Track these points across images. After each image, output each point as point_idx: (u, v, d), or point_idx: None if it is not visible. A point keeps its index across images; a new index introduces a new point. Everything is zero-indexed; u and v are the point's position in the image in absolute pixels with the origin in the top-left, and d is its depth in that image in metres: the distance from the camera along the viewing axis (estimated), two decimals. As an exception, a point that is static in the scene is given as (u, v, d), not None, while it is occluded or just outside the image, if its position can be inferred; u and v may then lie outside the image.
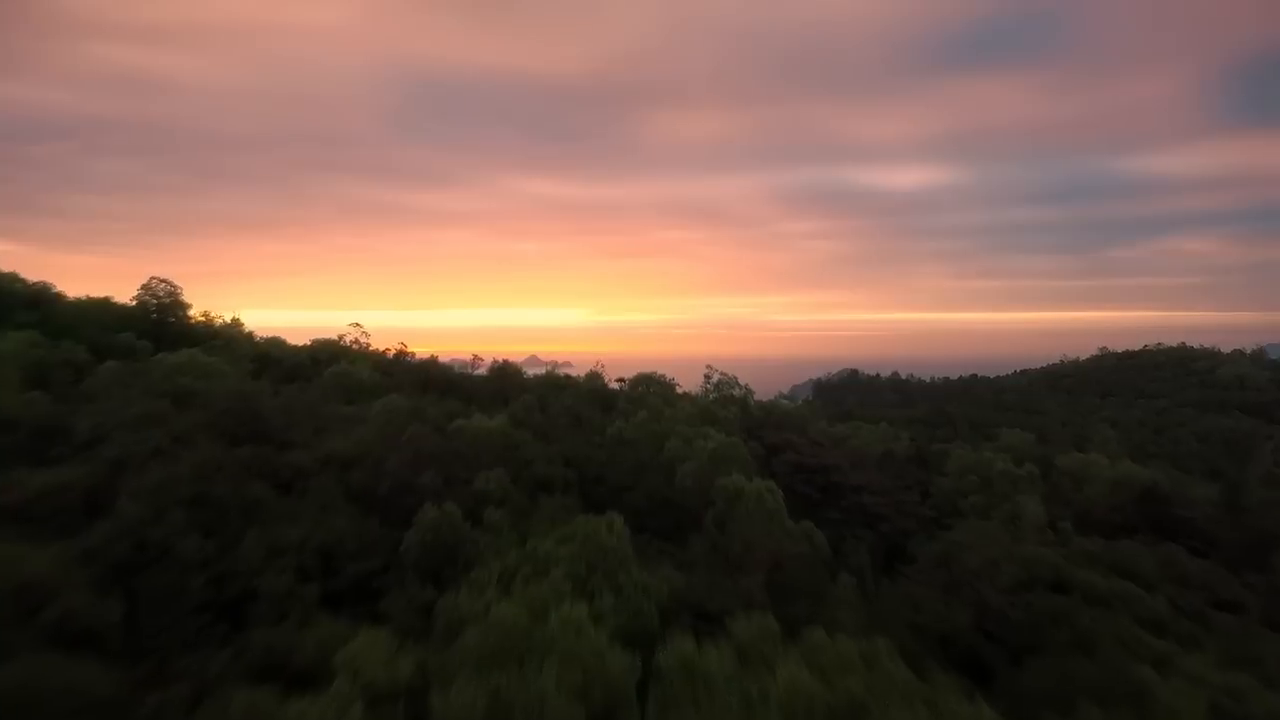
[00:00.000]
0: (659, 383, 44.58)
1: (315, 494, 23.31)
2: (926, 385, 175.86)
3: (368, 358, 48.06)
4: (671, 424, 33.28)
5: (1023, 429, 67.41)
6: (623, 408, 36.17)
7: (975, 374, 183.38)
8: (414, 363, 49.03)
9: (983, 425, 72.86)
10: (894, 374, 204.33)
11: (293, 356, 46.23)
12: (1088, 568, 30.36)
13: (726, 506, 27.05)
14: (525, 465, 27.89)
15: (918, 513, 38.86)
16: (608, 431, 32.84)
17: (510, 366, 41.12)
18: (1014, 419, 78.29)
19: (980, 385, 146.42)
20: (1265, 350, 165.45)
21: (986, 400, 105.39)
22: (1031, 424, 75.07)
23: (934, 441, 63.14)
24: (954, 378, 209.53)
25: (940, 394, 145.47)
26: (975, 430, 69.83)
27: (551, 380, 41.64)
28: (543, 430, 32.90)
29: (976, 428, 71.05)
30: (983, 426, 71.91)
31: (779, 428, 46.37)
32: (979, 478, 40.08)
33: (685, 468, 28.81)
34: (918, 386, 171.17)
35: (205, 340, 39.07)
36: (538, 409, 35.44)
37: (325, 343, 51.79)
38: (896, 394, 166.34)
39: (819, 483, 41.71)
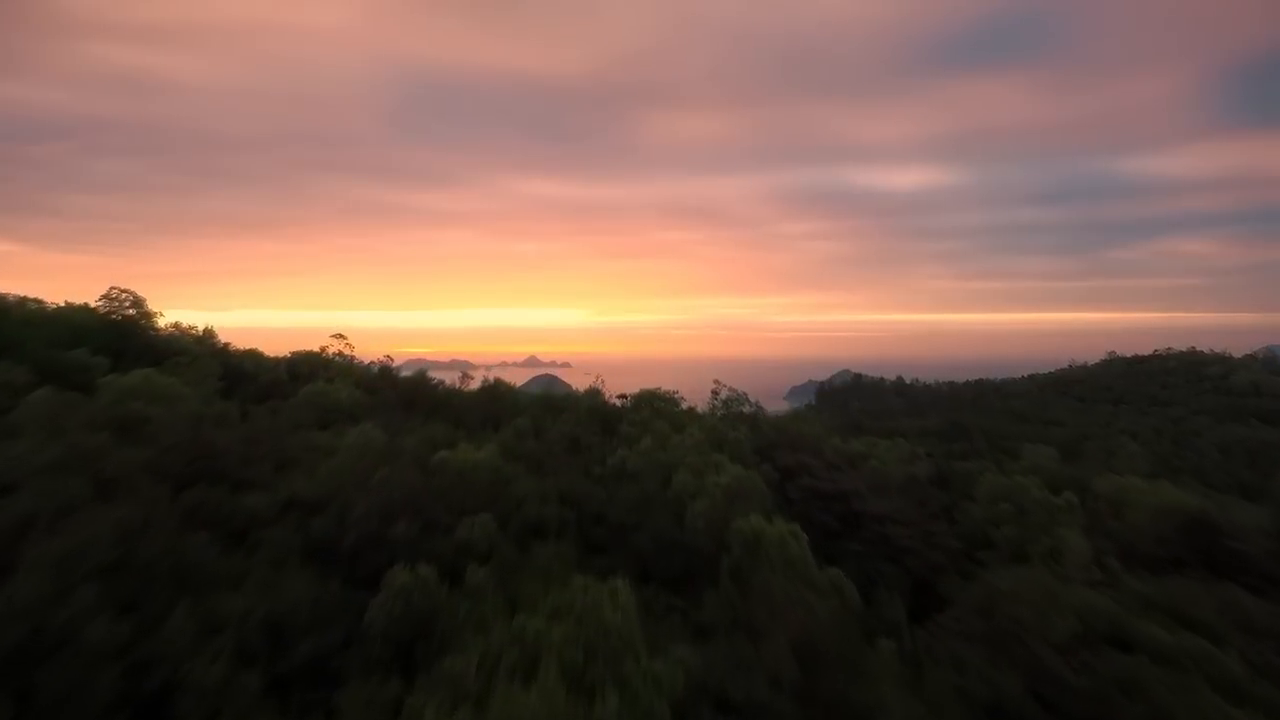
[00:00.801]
0: (663, 399, 41.37)
1: (270, 547, 20.06)
2: (932, 390, 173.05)
3: (351, 372, 44.81)
4: (679, 452, 30.06)
5: (1042, 442, 64.30)
6: (625, 432, 32.97)
7: (982, 378, 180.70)
8: (400, 378, 45.79)
9: (1000, 438, 69.72)
10: (898, 378, 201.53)
11: (269, 371, 42.98)
12: (1147, 616, 27.24)
13: (744, 554, 23.86)
14: (516, 506, 24.65)
15: (946, 545, 35.67)
16: (608, 461, 29.63)
17: (502, 386, 37.87)
18: (1031, 431, 75.12)
19: (989, 391, 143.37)
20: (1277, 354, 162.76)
21: (998, 409, 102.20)
22: (1050, 436, 71.91)
23: (951, 457, 59.99)
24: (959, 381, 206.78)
25: (946, 399, 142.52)
26: (993, 444, 66.65)
27: (547, 401, 38.41)
28: (537, 459, 29.66)
29: (994, 441, 67.89)
30: (1000, 440, 68.76)
31: (793, 448, 43.21)
32: (1013, 506, 36.95)
33: (696, 506, 25.61)
34: (923, 391, 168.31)
35: (171, 356, 35.80)
36: (531, 434, 32.22)
37: (306, 355, 48.57)
38: (901, 399, 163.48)
39: (838, 511, 38.51)
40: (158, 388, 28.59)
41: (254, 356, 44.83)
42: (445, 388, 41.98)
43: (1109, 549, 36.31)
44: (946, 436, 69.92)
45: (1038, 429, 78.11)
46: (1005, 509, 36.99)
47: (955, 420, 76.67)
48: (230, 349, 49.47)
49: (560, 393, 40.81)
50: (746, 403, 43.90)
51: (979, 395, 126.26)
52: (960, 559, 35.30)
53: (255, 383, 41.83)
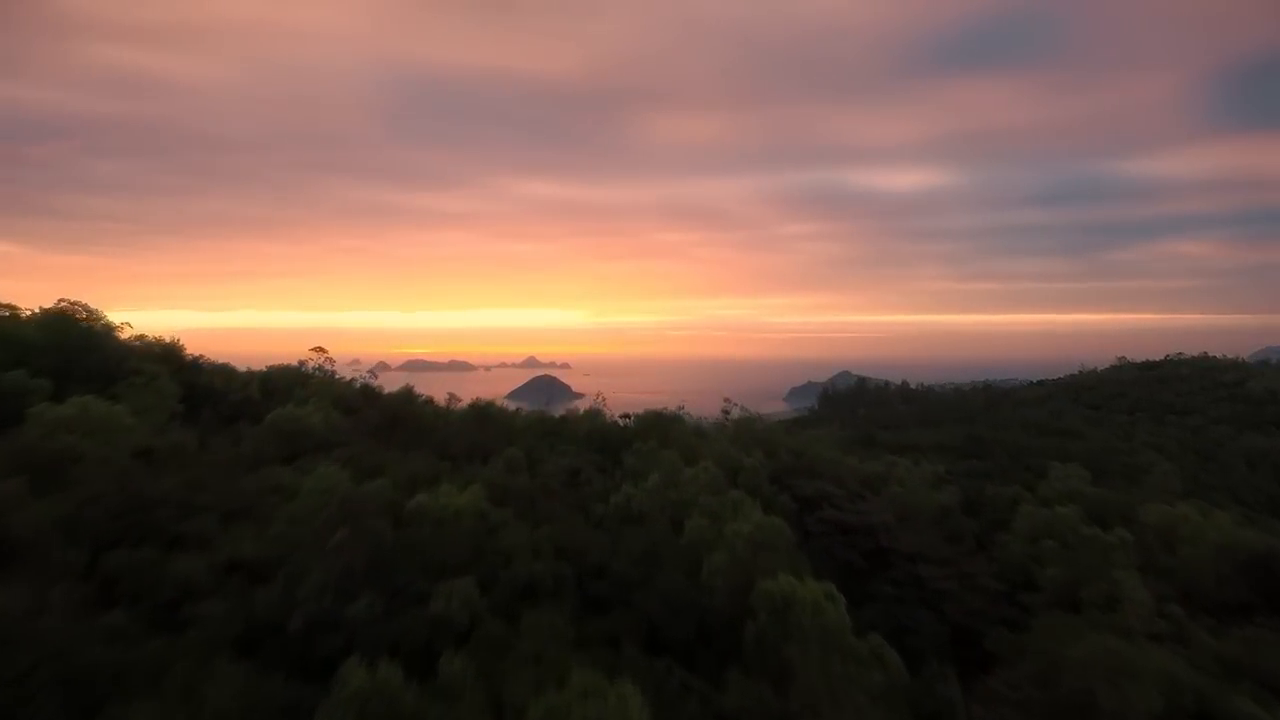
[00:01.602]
0: (671, 421, 37.79)
1: (203, 627, 16.48)
2: (938, 395, 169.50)
3: (330, 389, 41.19)
4: (691, 490, 26.52)
5: (1063, 457, 60.70)
6: (630, 465, 29.41)
7: (989, 383, 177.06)
8: (384, 396, 42.17)
9: (1022, 453, 66.13)
10: (903, 382, 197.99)
11: (241, 388, 39.37)
12: (1234, 686, 23.74)
13: (772, 620, 20.35)
14: (504, 562, 21.06)
15: (986, 587, 32.14)
16: (611, 499, 26.08)
17: (493, 408, 34.27)
18: (1052, 445, 71.50)
19: (998, 398, 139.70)
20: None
21: (1012, 419, 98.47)
22: (1072, 450, 68.32)
23: (973, 476, 56.41)
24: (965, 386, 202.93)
25: (954, 406, 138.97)
26: (1016, 461, 63.04)
27: (542, 423, 34.83)
28: (529, 498, 26.08)
29: (1016, 457, 64.30)
30: (1023, 455, 65.15)
31: (811, 475, 39.74)
32: (1057, 542, 33.44)
33: (714, 559, 22.06)
34: (929, 397, 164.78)
35: (126, 376, 32.21)
36: (524, 466, 28.64)
37: (283, 369, 44.98)
38: (908, 405, 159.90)
39: (864, 546, 34.92)
40: (96, 418, 24.99)
41: (224, 372, 41.25)
42: (432, 407, 38.40)
43: (1168, 593, 32.82)
44: (965, 452, 66.38)
45: (1057, 442, 74.57)
46: (1049, 546, 33.45)
47: (973, 434, 73.14)
48: (202, 361, 45.89)
49: (557, 414, 37.19)
50: (759, 420, 40.34)
51: (990, 403, 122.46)
52: (1002, 603, 31.75)
53: (224, 402, 38.25)
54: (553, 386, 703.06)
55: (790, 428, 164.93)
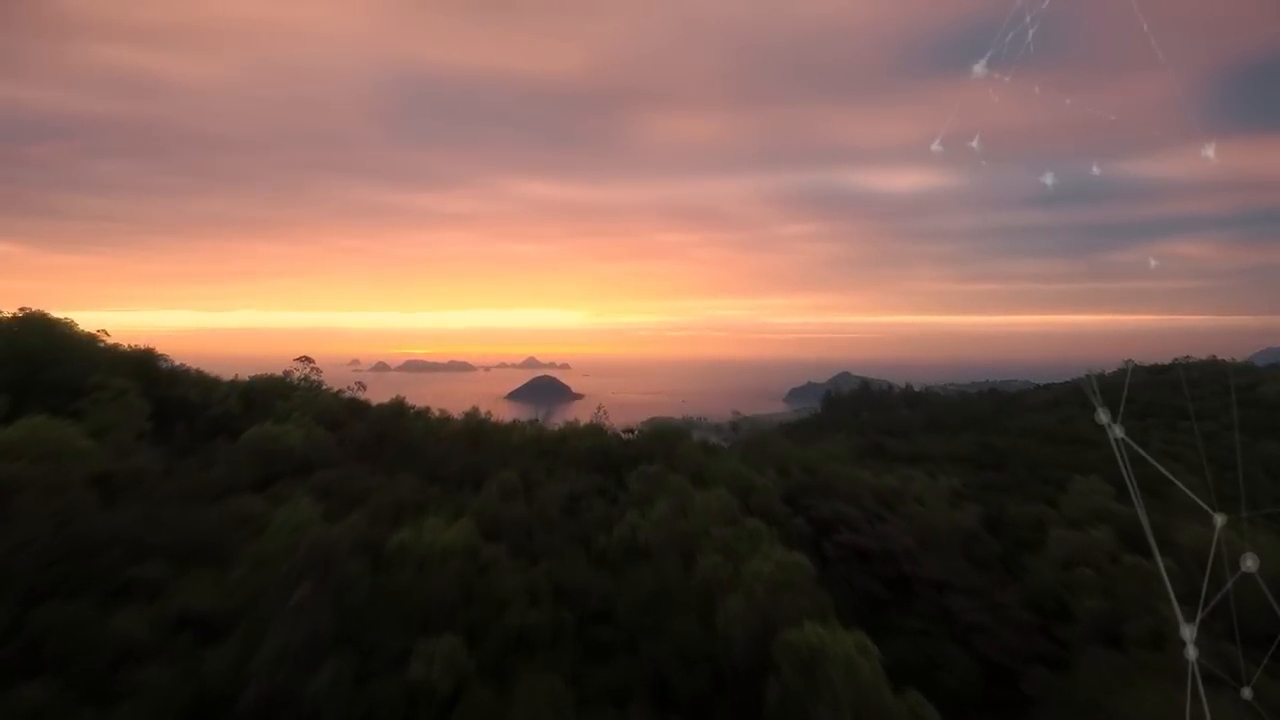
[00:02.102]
0: (676, 434, 35.45)
1: (141, 700, 14.14)
2: (943, 399, 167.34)
3: (315, 401, 38.81)
4: (702, 519, 24.15)
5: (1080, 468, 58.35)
6: (635, 490, 27.06)
7: (994, 387, 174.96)
8: (372, 409, 39.80)
9: (1038, 464, 63.80)
10: (907, 385, 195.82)
11: (220, 401, 36.99)
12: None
13: (797, 676, 18.03)
14: (496, 610, 18.71)
15: (1018, 619, 29.80)
16: (615, 531, 23.74)
17: (487, 425, 31.86)
18: (1067, 455, 69.14)
19: (1005, 402, 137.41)
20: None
21: (1024, 426, 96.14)
22: (1088, 460, 66.01)
23: (989, 489, 54.10)
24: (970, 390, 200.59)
25: (960, 410, 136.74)
26: (1033, 473, 60.67)
27: (539, 441, 32.44)
28: (525, 529, 23.73)
29: (1033, 468, 61.98)
30: (1039, 466, 62.81)
31: (826, 494, 37.41)
32: (1093, 571, 31.15)
33: (731, 605, 19.71)
34: (934, 401, 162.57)
35: (92, 391, 29.84)
36: (520, 492, 26.28)
37: (266, 380, 42.60)
38: (912, 409, 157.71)
39: (886, 574, 32.57)
40: (47, 441, 22.58)
41: (203, 383, 38.87)
42: (424, 420, 36.04)
43: (1217, 628, 30.40)
44: (980, 463, 64.08)
45: (1072, 451, 72.24)
46: (1085, 574, 31.15)
47: (987, 443, 70.85)
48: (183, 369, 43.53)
49: (556, 423, 34.86)
50: (773, 441, 38.06)
51: (998, 409, 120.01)
52: (1036, 637, 29.41)
53: (201, 417, 35.90)
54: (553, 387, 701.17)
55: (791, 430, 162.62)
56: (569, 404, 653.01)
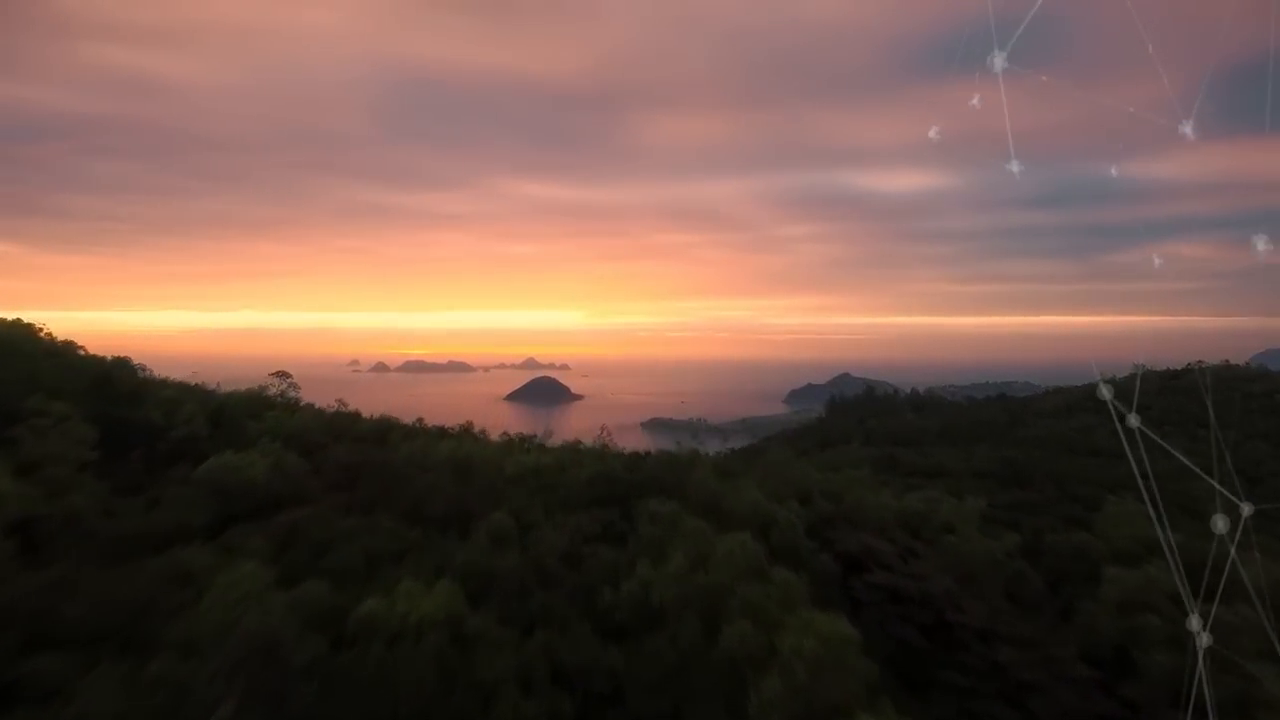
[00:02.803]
0: (688, 462, 32.08)
1: None
2: (950, 404, 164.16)
3: (292, 420, 35.44)
4: (726, 571, 20.75)
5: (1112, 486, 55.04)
6: (646, 534, 23.62)
7: (1003, 392, 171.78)
8: (356, 428, 36.46)
9: (1065, 480, 60.42)
10: (912, 390, 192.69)
11: (184, 423, 33.55)
12: None
13: (852, 789, 14.71)
14: (482, 702, 15.31)
15: (1079, 676, 26.44)
16: (623, 588, 20.35)
17: (479, 453, 28.26)
18: (1093, 469, 65.80)
19: (1015, 408, 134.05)
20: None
21: (1042, 436, 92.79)
22: (1113, 476, 62.71)
23: (1018, 509, 50.76)
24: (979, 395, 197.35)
25: (968, 417, 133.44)
26: (1061, 490, 57.32)
27: (536, 471, 28.99)
28: (518, 584, 20.32)
29: (1060, 485, 58.62)
30: (1066, 482, 59.44)
31: (852, 524, 34.07)
32: (1159, 618, 27.83)
33: (766, 688, 16.36)
34: (942, 406, 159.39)
35: (31, 417, 26.41)
36: (515, 537, 22.88)
37: (243, 396, 39.24)
38: (917, 413, 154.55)
39: (924, 620, 29.19)
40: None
41: (169, 400, 35.43)
42: (411, 441, 32.63)
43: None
44: (1002, 478, 60.72)
45: (1097, 465, 68.91)
46: (1150, 624, 27.81)
47: (1008, 457, 67.46)
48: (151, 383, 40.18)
49: (554, 452, 31.54)
50: (796, 465, 34.79)
51: (1011, 418, 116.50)
52: (1099, 696, 26.04)
53: (163, 440, 32.50)
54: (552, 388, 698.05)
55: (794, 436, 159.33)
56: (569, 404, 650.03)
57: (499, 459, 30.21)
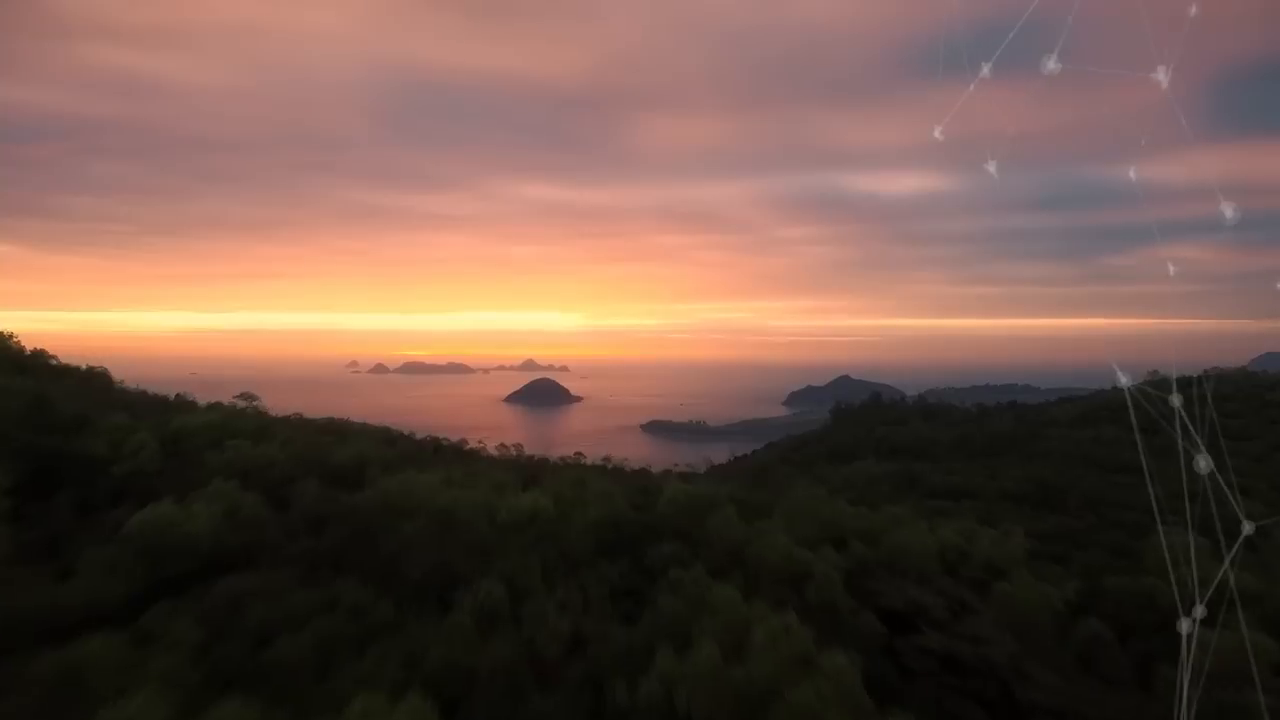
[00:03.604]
0: (707, 505, 27.97)
1: None
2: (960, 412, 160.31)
3: (259, 452, 31.31)
4: (768, 663, 16.69)
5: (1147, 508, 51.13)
6: (666, 610, 19.47)
7: (1014, 400, 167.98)
8: (333, 460, 32.30)
9: (1100, 502, 56.47)
10: (920, 396, 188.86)
11: (131, 455, 29.45)
12: None
13: None
14: None
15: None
16: (641, 688, 16.27)
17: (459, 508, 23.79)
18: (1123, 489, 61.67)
19: (1029, 416, 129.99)
20: None
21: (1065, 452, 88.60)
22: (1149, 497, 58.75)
23: (1057, 538, 46.79)
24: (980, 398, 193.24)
25: (978, 425, 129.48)
26: (1099, 514, 53.32)
27: (533, 518, 24.82)
28: (509, 684, 16.23)
29: (1097, 508, 54.66)
30: (1100, 504, 55.48)
31: (893, 571, 30.00)
32: (1269, 698, 23.75)
33: None
34: (952, 414, 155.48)
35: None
36: (505, 609, 18.79)
37: (211, 421, 35.14)
38: (927, 421, 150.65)
39: (985, 693, 25.11)
40: None
41: (116, 428, 31.33)
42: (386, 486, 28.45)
43: None
44: (1035, 501, 56.70)
45: (1127, 484, 64.88)
46: (1250, 703, 23.68)
47: (1039, 478, 63.34)
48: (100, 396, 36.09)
49: (552, 494, 27.53)
50: (827, 502, 30.76)
51: (1030, 429, 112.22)
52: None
53: (105, 476, 28.44)
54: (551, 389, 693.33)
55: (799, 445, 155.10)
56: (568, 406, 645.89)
57: (490, 499, 26.12)
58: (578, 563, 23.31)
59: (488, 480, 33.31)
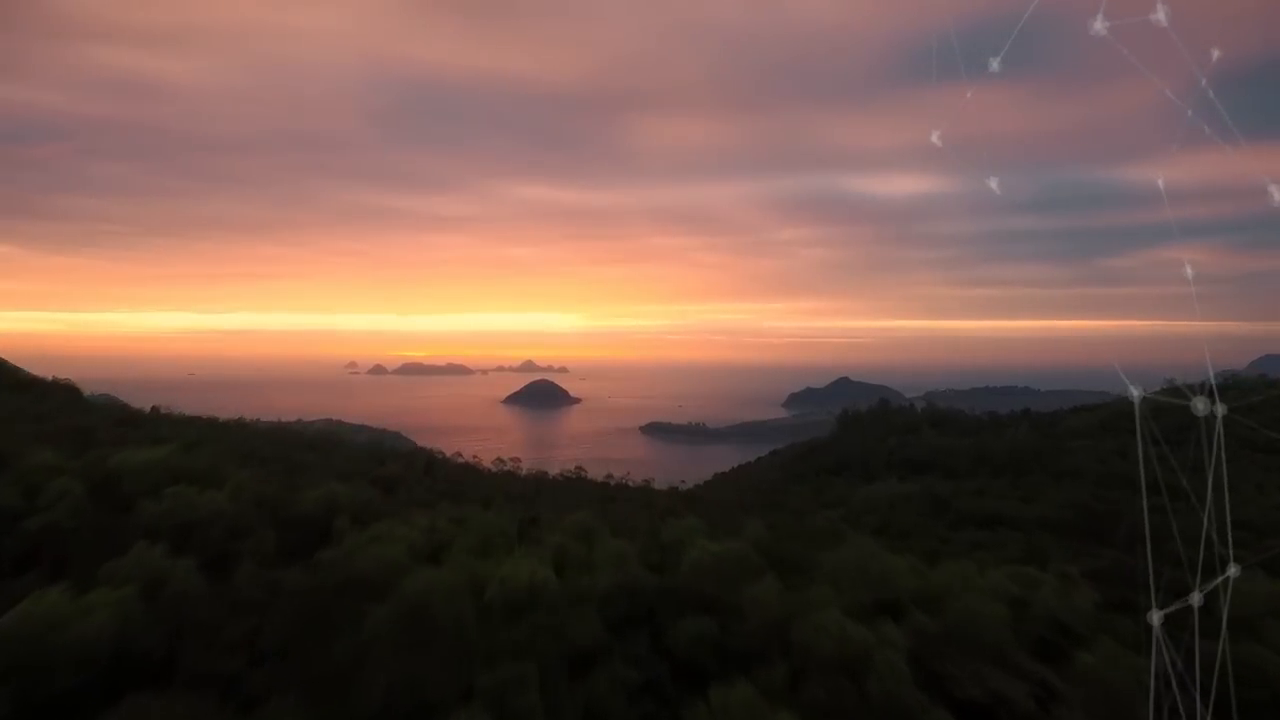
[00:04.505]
0: (743, 571, 23.21)
1: None
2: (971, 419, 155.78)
3: (203, 493, 26.42)
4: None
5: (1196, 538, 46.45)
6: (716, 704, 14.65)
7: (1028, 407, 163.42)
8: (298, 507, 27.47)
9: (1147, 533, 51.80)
10: (928, 403, 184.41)
11: (49, 506, 24.52)
12: None
13: None
14: None
15: None
16: None
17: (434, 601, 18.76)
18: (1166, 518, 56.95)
19: (1044, 425, 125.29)
20: None
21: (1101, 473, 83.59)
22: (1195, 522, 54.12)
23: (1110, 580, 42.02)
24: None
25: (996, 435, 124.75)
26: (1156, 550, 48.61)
27: (530, 596, 19.92)
28: None
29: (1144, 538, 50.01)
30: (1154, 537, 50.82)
31: (966, 651, 25.19)
32: None
33: None
34: (962, 422, 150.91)
35: None
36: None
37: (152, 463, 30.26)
38: (937, 429, 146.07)
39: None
40: None
41: (38, 470, 26.43)
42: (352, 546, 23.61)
43: None
44: (1081, 531, 51.92)
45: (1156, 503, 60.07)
46: None
47: (1078, 503, 58.57)
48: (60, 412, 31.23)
49: (552, 552, 22.80)
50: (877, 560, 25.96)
51: (1054, 442, 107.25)
52: None
53: (13, 537, 23.58)
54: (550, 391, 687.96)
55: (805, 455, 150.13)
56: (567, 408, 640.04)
57: (477, 568, 21.31)
58: (586, 654, 18.55)
59: (478, 527, 28.57)
